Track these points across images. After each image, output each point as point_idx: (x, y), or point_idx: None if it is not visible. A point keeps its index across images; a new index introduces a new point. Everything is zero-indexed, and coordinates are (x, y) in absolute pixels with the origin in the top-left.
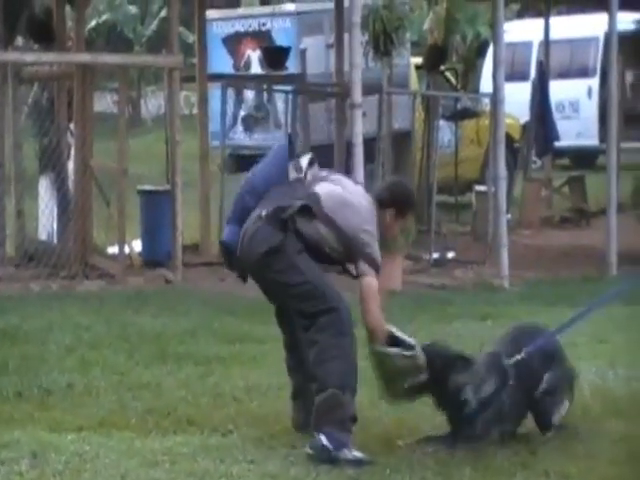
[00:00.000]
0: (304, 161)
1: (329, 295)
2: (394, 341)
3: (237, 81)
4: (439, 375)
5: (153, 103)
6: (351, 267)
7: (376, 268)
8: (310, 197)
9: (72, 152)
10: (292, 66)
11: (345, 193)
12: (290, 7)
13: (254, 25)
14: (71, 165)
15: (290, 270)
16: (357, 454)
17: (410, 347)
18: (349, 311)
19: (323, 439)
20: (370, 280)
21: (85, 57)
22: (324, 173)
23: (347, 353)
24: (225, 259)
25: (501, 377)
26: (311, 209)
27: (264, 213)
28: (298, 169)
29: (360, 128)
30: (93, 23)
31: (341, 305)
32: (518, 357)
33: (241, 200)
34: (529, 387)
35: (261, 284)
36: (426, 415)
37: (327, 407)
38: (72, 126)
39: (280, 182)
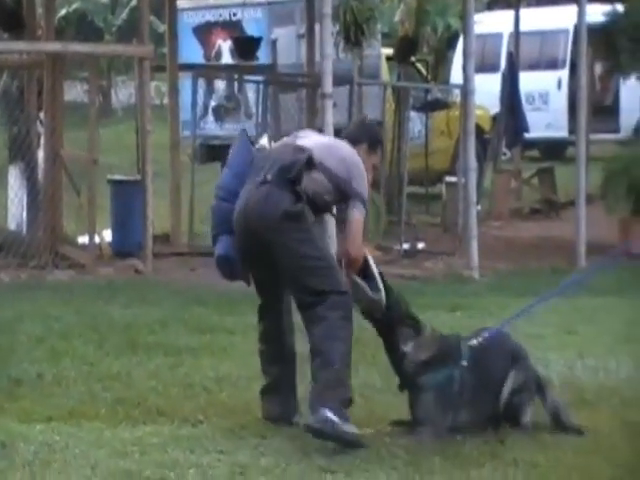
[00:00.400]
0: (264, 141)
1: (339, 278)
2: (367, 273)
3: (208, 71)
4: (389, 321)
5: (124, 93)
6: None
7: (365, 206)
8: (303, 150)
9: (42, 141)
10: (263, 56)
11: (327, 140)
12: None
13: (225, 15)
14: (41, 154)
15: (308, 242)
16: (352, 428)
17: (377, 289)
18: (350, 297)
19: (328, 412)
20: (359, 216)
21: (55, 46)
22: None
23: (349, 339)
24: (225, 271)
25: (454, 353)
26: (312, 160)
27: (269, 176)
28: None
29: (331, 118)
30: (63, 12)
31: (347, 290)
32: (475, 340)
33: (219, 209)
34: (487, 378)
35: (266, 253)
36: (395, 405)
37: (331, 384)
38: (42, 115)
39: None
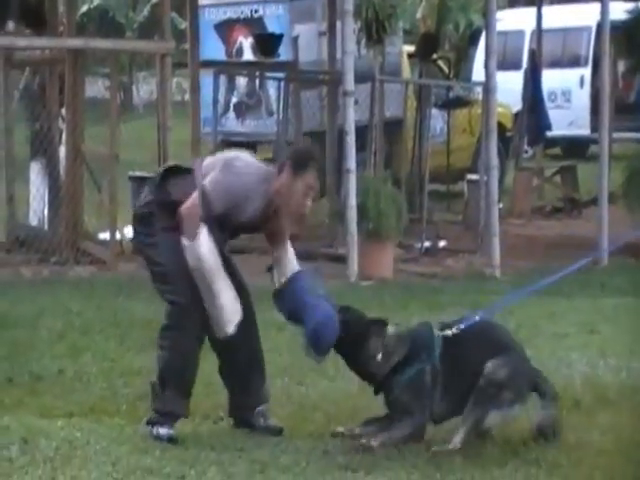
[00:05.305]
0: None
1: (177, 286)
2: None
3: (229, 68)
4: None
5: (145, 89)
6: None
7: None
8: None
9: (63, 137)
10: (284, 53)
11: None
12: None
13: (246, 12)
14: (62, 150)
15: (153, 247)
16: (162, 430)
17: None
18: (190, 309)
19: (149, 416)
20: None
21: (76, 42)
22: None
23: (180, 351)
24: None
25: (426, 347)
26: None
27: None
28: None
29: (352, 116)
30: (85, 8)
31: (183, 301)
32: (450, 331)
33: None
34: (463, 368)
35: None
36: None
37: (151, 392)
38: (63, 111)
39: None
